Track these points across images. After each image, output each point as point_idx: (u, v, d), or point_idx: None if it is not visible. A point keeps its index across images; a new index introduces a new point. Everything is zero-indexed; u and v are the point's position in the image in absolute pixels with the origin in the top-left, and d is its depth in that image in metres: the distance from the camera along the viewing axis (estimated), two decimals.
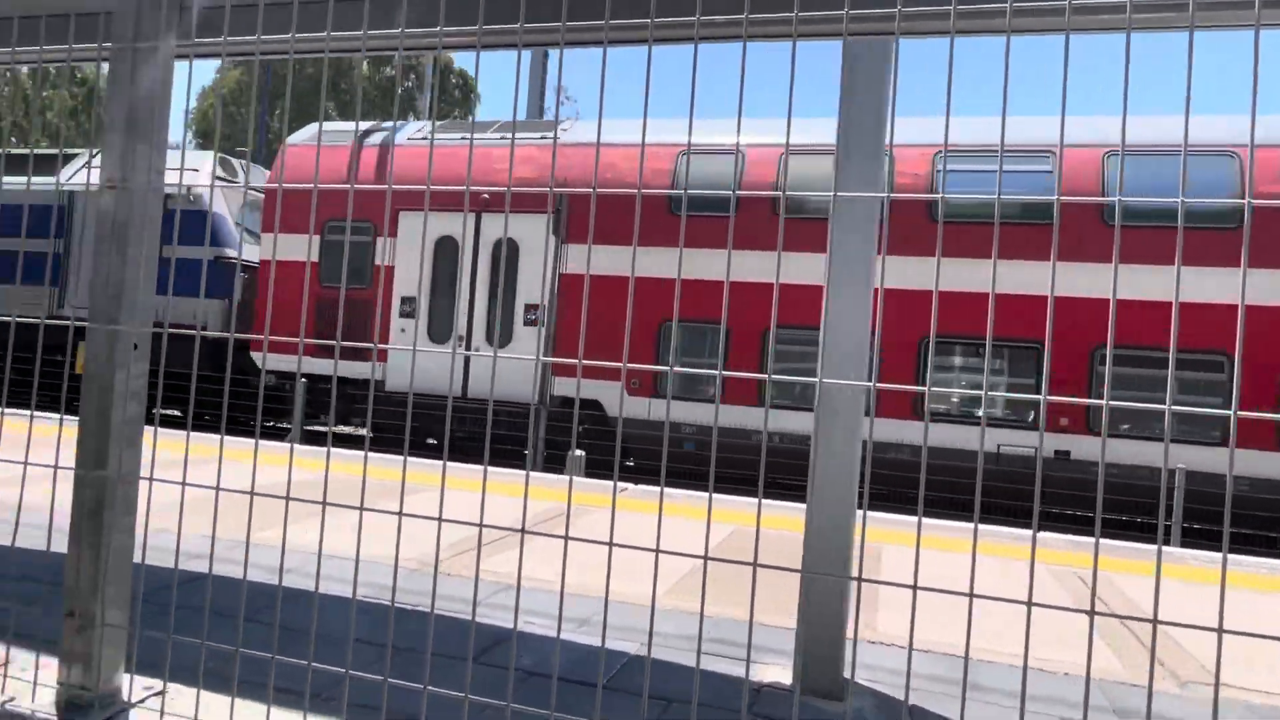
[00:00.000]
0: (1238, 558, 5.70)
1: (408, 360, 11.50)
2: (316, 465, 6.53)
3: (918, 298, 9.64)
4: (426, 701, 1.93)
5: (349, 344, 2.10)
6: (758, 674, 3.04)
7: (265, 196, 13.05)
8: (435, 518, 1.87)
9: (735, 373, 1.66)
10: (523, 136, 12.51)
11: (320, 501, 1.96)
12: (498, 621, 3.40)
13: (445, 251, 11.74)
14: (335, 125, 14.28)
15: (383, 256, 11.84)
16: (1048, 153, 10.02)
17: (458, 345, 11.07)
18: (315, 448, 8.36)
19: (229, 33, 2.20)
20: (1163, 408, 1.42)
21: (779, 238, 1.62)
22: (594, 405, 11.12)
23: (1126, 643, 3.77)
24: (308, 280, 2.82)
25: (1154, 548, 5.94)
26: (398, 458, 6.58)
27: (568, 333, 11.28)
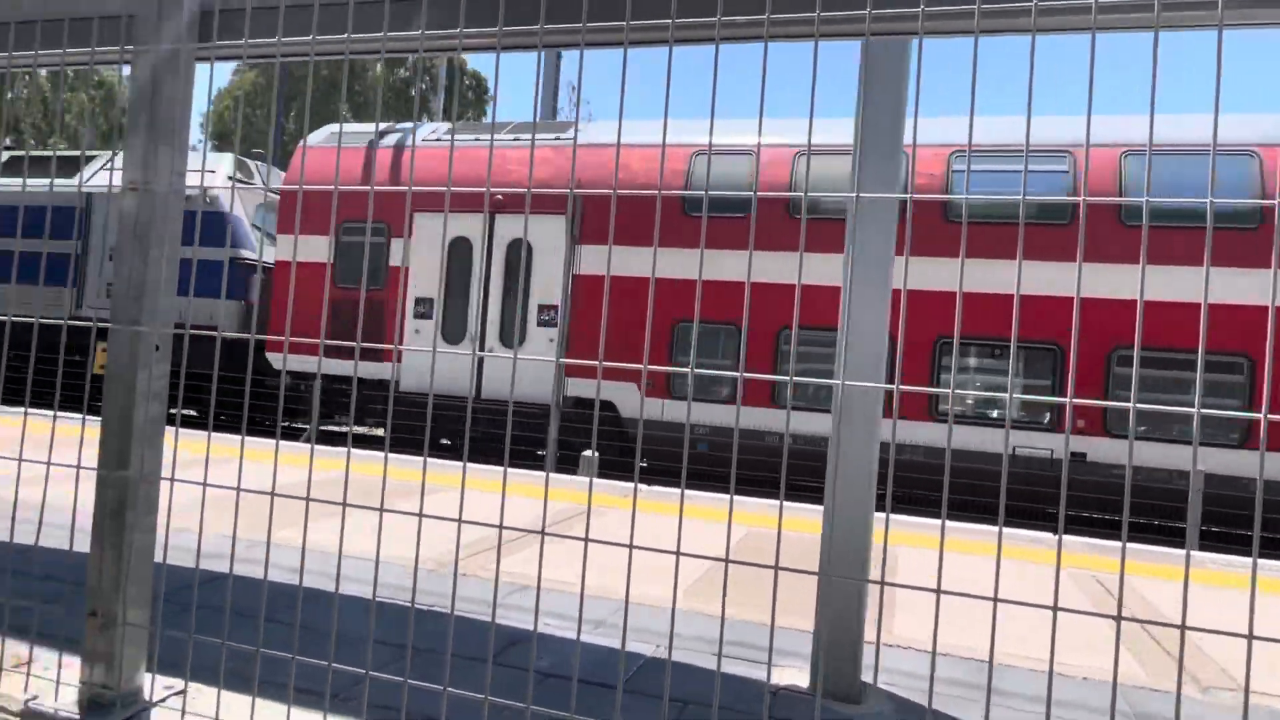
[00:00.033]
0: (1266, 562, 5.64)
1: (421, 361, 11.53)
2: (329, 465, 6.55)
3: (932, 298, 9.61)
4: (446, 702, 1.93)
5: (369, 345, 2.11)
6: (774, 676, 3.03)
7: (281, 198, 13.12)
8: (456, 519, 1.88)
9: (758, 374, 1.66)
10: (537, 138, 12.53)
11: (340, 503, 1.96)
12: (513, 622, 3.41)
13: (459, 253, 11.77)
14: (349, 127, 14.34)
15: (399, 258, 11.87)
16: (1064, 152, 9.95)
17: (470, 346, 11.11)
18: (328, 448, 8.39)
19: (248, 35, 2.21)
20: (1191, 411, 1.40)
21: (801, 238, 1.61)
22: (608, 406, 11.11)
23: (1147, 647, 3.74)
24: (329, 281, 2.83)
25: (1172, 551, 5.88)
26: (410, 458, 6.60)
27: (580, 333, 11.29)
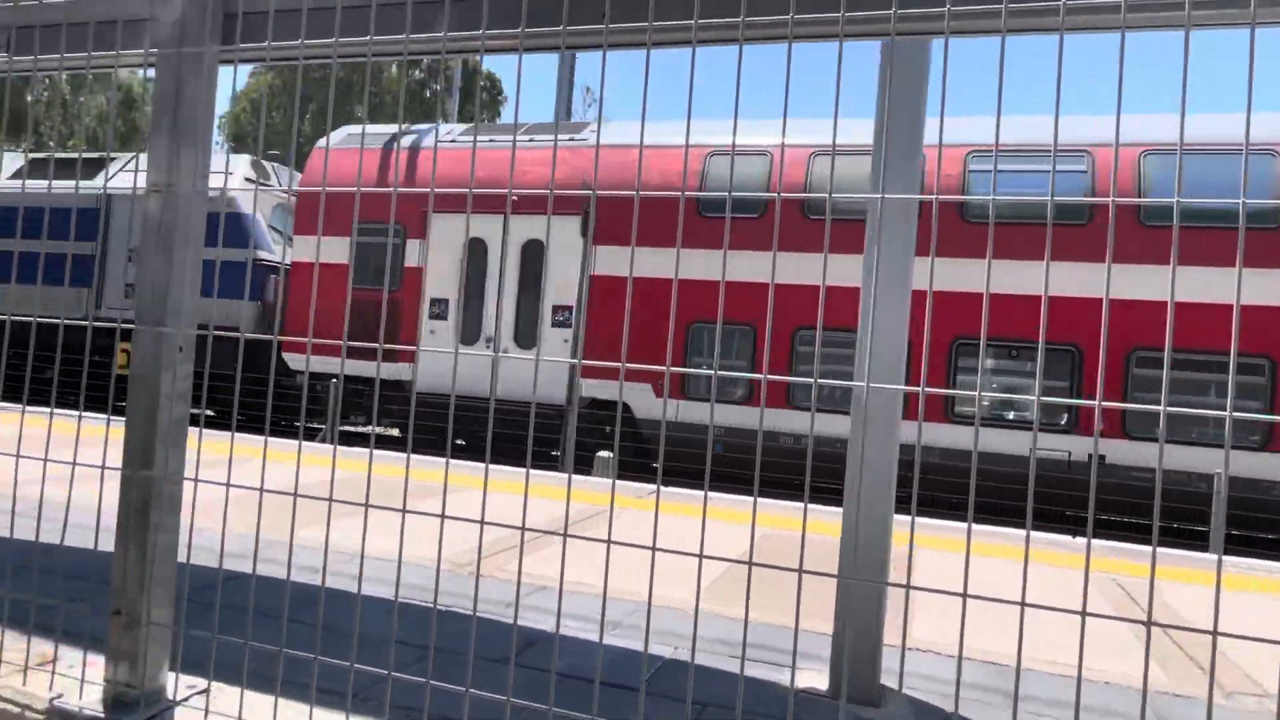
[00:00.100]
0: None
1: (435, 361, 11.57)
2: (347, 465, 6.58)
3: (948, 299, 9.55)
4: (469, 704, 1.93)
5: (390, 346, 2.11)
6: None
7: (297, 199, 13.20)
8: (478, 520, 1.88)
9: (780, 376, 1.65)
10: (550, 139, 12.57)
11: (363, 504, 1.97)
12: (532, 623, 3.41)
13: (474, 254, 11.80)
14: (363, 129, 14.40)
15: (413, 259, 11.91)
16: (1083, 152, 9.88)
17: (485, 347, 11.14)
18: (345, 448, 8.43)
19: (271, 37, 2.22)
20: (1223, 414, 1.39)
21: (825, 239, 1.60)
22: (622, 407, 11.11)
23: (1170, 651, 3.70)
24: (350, 282, 2.85)
25: (1193, 554, 5.83)
26: (426, 458, 6.62)
27: (594, 334, 11.30)
